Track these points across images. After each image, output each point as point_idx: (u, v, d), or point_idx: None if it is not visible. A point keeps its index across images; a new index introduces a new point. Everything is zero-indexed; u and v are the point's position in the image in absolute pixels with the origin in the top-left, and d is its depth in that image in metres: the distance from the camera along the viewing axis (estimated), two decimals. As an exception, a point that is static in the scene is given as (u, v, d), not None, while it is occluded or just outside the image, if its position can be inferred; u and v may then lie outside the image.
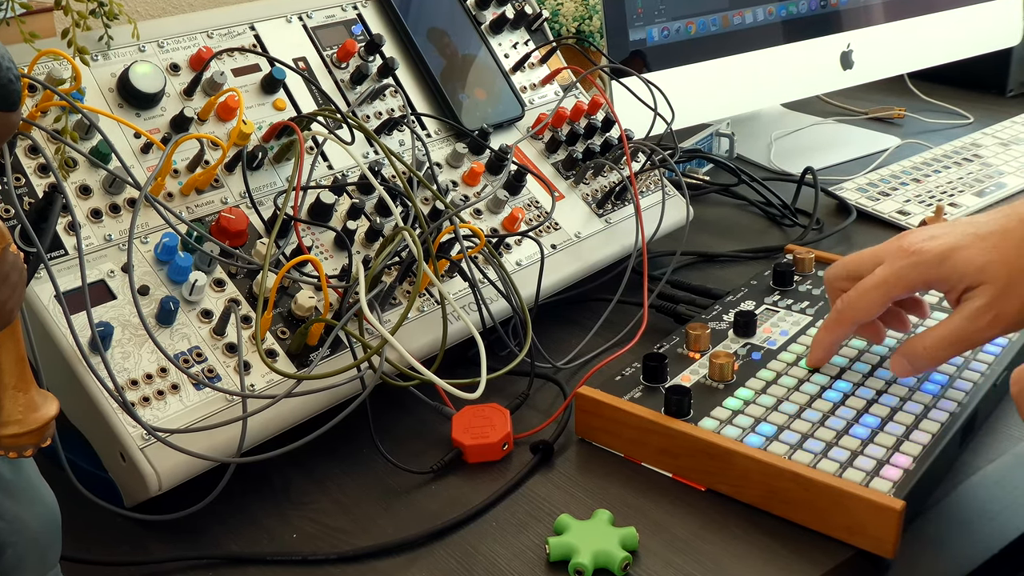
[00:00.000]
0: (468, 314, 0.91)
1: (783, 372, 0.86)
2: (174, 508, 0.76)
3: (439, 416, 0.88)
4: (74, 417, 0.76)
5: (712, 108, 1.41)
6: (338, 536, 0.77)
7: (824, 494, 0.73)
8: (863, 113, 1.67)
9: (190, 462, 0.74)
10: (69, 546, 0.65)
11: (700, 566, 0.72)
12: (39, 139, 0.80)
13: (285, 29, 0.99)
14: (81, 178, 0.82)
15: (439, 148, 1.03)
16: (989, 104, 1.70)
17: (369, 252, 0.91)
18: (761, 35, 1.42)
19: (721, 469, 0.78)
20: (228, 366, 0.79)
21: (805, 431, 0.78)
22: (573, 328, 1.03)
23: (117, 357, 0.76)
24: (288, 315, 0.84)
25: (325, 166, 0.95)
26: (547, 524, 0.77)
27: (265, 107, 0.94)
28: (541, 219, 1.04)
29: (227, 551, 0.76)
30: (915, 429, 0.79)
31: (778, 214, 1.29)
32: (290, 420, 0.81)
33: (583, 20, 1.52)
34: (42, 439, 0.57)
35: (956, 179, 1.35)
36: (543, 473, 0.83)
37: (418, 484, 0.82)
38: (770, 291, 1.00)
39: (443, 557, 0.75)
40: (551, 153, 1.11)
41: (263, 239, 0.87)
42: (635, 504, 0.78)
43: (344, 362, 0.83)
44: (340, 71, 1.00)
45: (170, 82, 0.90)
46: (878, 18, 1.54)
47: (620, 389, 0.85)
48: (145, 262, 0.81)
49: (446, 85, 1.05)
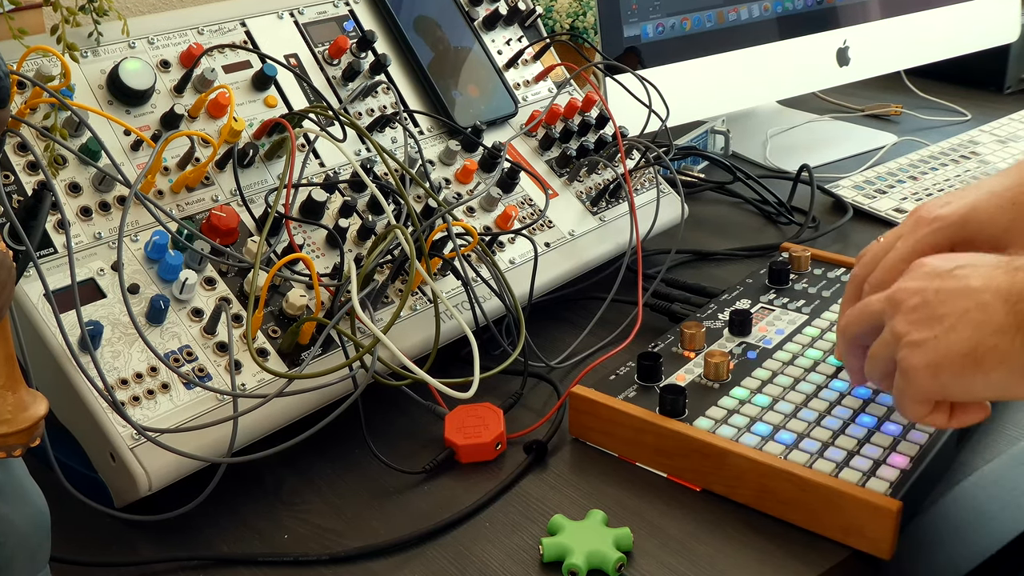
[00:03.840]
0: (461, 313, 0.90)
1: (779, 371, 0.86)
2: (164, 508, 0.75)
3: (432, 416, 0.87)
4: (63, 417, 0.76)
5: (707, 105, 1.40)
6: (330, 537, 0.77)
7: (820, 494, 0.73)
8: (859, 110, 1.67)
9: (180, 462, 0.74)
10: (59, 547, 0.65)
11: (695, 567, 0.72)
12: (28, 136, 0.80)
13: (276, 25, 0.98)
14: (70, 175, 0.81)
15: (432, 145, 1.03)
16: (986, 101, 1.69)
17: (361, 250, 0.91)
18: (757, 31, 1.41)
19: (716, 469, 0.77)
20: (219, 365, 0.79)
21: (801, 431, 0.78)
22: (567, 327, 1.02)
23: (107, 356, 0.75)
24: (279, 314, 0.84)
25: (317, 163, 0.94)
26: (541, 525, 0.76)
27: (256, 104, 0.93)
28: (535, 217, 1.03)
29: (218, 552, 0.76)
30: (912, 429, 0.78)
31: (774, 212, 1.29)
32: (281, 420, 0.80)
33: (577, 16, 1.51)
34: (31, 439, 0.57)
35: (953, 176, 1.34)
36: (537, 473, 0.83)
37: (410, 484, 0.82)
38: (766, 290, 1.00)
39: (436, 558, 0.74)
40: (545, 150, 1.10)
41: (254, 237, 0.86)
42: (629, 504, 0.78)
43: (336, 361, 0.82)
44: (332, 68, 0.99)
45: (160, 79, 0.89)
46: (875, 14, 1.53)
47: (614, 388, 0.84)
48: (135, 260, 0.81)
49: (439, 82, 1.05)
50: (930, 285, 0.69)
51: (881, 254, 0.80)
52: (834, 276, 1.02)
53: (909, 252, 0.77)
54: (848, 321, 0.77)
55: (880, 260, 0.80)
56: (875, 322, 0.73)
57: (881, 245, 0.81)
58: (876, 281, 0.79)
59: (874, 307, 0.73)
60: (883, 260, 0.79)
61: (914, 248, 0.77)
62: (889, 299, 0.72)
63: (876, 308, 0.73)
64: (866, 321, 0.74)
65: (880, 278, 0.79)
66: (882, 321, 0.72)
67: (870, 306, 0.74)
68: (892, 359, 0.70)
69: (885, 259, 0.79)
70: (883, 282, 0.78)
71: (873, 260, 0.80)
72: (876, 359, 0.73)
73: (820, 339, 0.90)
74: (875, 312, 0.73)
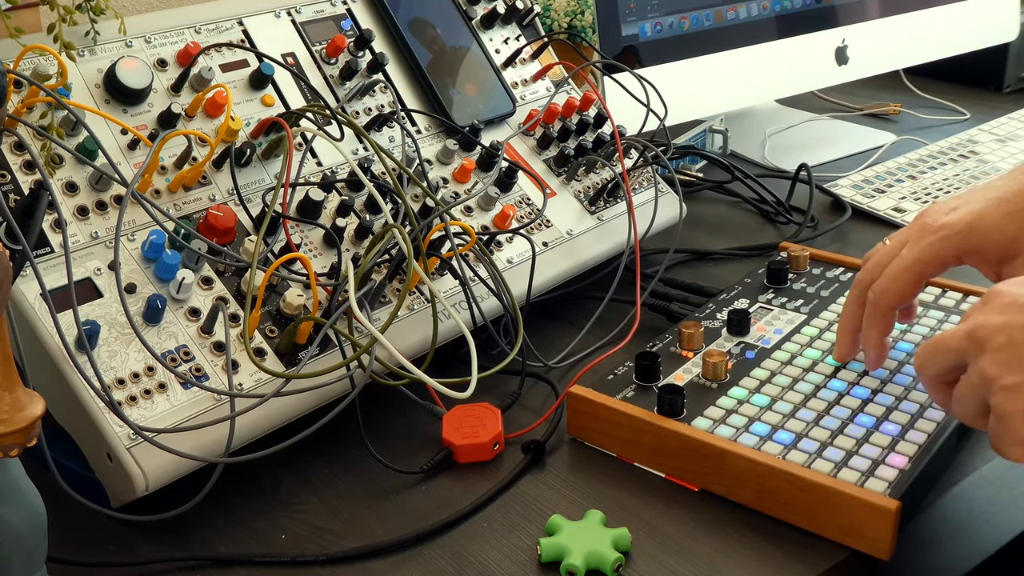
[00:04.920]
0: (459, 312, 0.90)
1: (777, 371, 0.86)
2: (162, 509, 0.75)
3: (429, 416, 0.87)
4: (60, 417, 0.76)
5: (705, 104, 1.40)
6: (327, 537, 0.77)
7: (818, 494, 0.72)
8: (858, 109, 1.66)
9: (177, 462, 0.74)
10: (55, 547, 0.65)
11: (693, 567, 0.72)
12: (25, 135, 0.79)
13: (274, 24, 0.98)
14: (67, 175, 0.81)
15: (429, 144, 1.02)
16: (986, 100, 1.69)
17: (358, 250, 0.90)
18: (755, 30, 1.41)
19: (714, 469, 0.77)
20: (216, 365, 0.79)
21: (799, 431, 0.78)
22: (565, 326, 1.02)
23: (104, 356, 0.75)
24: (276, 313, 0.83)
25: (314, 163, 0.94)
26: (539, 525, 0.76)
27: (253, 103, 0.93)
28: (532, 216, 1.03)
29: (215, 552, 0.76)
30: (911, 428, 0.78)
31: (772, 211, 1.29)
32: (279, 420, 0.80)
33: (575, 15, 1.51)
34: (28, 439, 0.57)
35: (952, 176, 1.34)
36: (535, 473, 0.82)
37: (408, 484, 0.82)
38: (764, 289, 1.00)
39: (433, 558, 0.74)
40: (543, 150, 1.10)
41: (251, 236, 0.86)
42: (627, 505, 0.78)
43: (333, 361, 0.82)
44: (329, 67, 0.99)
45: (157, 78, 0.89)
46: (873, 13, 1.53)
47: (612, 388, 0.84)
48: (132, 260, 0.80)
49: (436, 81, 1.05)
50: (1015, 320, 0.65)
51: (886, 260, 0.79)
52: (833, 276, 1.01)
53: (914, 261, 0.77)
54: (924, 360, 0.72)
55: (885, 266, 0.79)
56: (956, 361, 0.69)
57: (886, 250, 0.80)
58: (880, 289, 0.79)
59: (952, 344, 0.69)
60: (888, 267, 0.78)
61: (919, 257, 0.77)
62: (970, 336, 0.67)
63: (955, 346, 0.68)
64: (946, 361, 0.70)
65: (885, 286, 0.78)
66: (963, 360, 0.68)
67: (947, 343, 0.69)
68: (982, 401, 0.66)
69: (890, 267, 0.78)
70: (888, 291, 0.78)
71: (878, 266, 0.80)
72: (964, 401, 0.69)
73: (819, 339, 0.90)
74: (954, 350, 0.68)
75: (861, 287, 0.81)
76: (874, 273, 0.80)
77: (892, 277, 0.78)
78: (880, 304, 0.80)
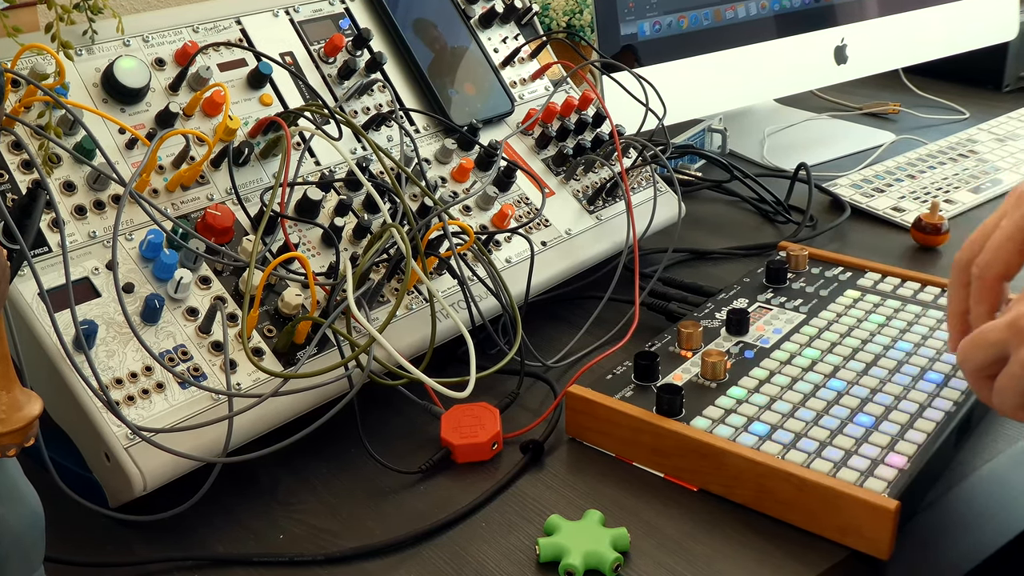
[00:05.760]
0: (457, 312, 0.90)
1: (776, 371, 0.85)
2: (159, 508, 0.75)
3: (428, 415, 0.87)
4: (58, 416, 0.76)
5: (704, 103, 1.40)
6: (325, 537, 0.77)
7: (817, 494, 0.72)
8: (857, 108, 1.66)
9: (175, 462, 0.74)
10: (53, 547, 0.65)
11: (692, 567, 0.72)
12: (22, 135, 0.79)
13: (272, 23, 0.98)
14: (65, 174, 0.81)
15: (428, 144, 1.02)
16: (985, 99, 1.69)
17: (357, 249, 0.90)
18: (754, 29, 1.41)
19: (713, 469, 0.77)
20: (214, 364, 0.79)
21: (798, 430, 0.78)
22: (563, 326, 1.02)
23: (101, 355, 0.75)
24: (275, 313, 0.83)
25: (312, 162, 0.94)
26: (537, 525, 0.76)
27: (251, 102, 0.93)
28: (531, 216, 1.03)
29: (213, 552, 0.75)
30: (910, 428, 0.78)
31: (771, 211, 1.29)
32: (277, 419, 0.80)
33: (573, 14, 1.51)
34: (25, 439, 0.57)
35: (952, 175, 1.34)
36: (533, 473, 0.82)
37: (406, 484, 0.81)
38: (763, 289, 1.00)
39: (432, 558, 0.74)
40: (541, 149, 1.10)
41: (249, 236, 0.86)
42: (626, 504, 0.78)
43: (331, 361, 0.82)
44: (327, 66, 0.99)
45: (155, 77, 0.89)
46: (872, 12, 1.53)
47: (611, 388, 0.84)
48: (130, 259, 0.80)
49: (435, 80, 1.04)
50: None
51: (984, 236, 0.76)
52: (832, 275, 1.01)
53: (1015, 230, 0.73)
54: (966, 354, 0.71)
55: (983, 242, 0.75)
56: (998, 353, 0.68)
57: (982, 227, 0.77)
58: (984, 262, 0.74)
59: (993, 336, 0.68)
60: (989, 240, 0.75)
61: (1019, 225, 0.73)
62: (1011, 327, 0.66)
63: (996, 338, 0.67)
64: (988, 354, 0.69)
65: (989, 259, 0.74)
66: (1005, 352, 0.67)
67: (988, 336, 0.68)
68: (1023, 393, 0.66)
69: (992, 239, 0.75)
70: (992, 262, 0.74)
71: (975, 243, 0.76)
72: (1006, 393, 0.68)
73: (818, 338, 0.90)
74: (996, 342, 0.68)
75: (962, 265, 0.77)
76: (974, 250, 0.76)
77: (995, 248, 0.74)
78: (987, 277, 0.75)
